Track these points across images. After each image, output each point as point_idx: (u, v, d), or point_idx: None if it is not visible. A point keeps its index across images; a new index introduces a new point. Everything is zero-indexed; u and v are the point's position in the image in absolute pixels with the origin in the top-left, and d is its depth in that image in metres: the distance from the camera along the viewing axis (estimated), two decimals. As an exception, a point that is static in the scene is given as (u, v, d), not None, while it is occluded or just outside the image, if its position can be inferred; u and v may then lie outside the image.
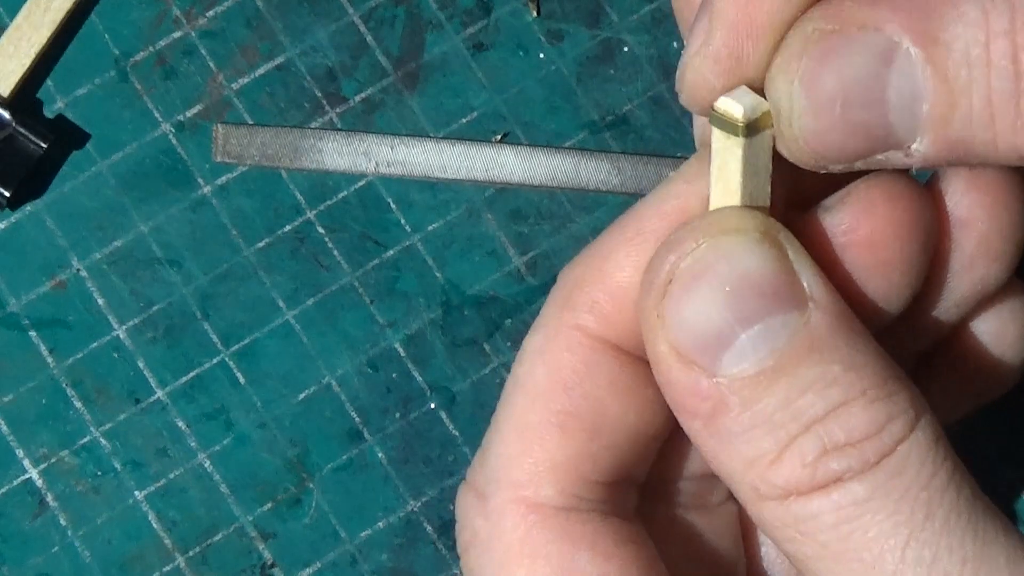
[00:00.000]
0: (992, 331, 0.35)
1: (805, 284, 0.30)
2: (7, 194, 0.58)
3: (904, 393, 0.30)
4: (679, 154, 0.59)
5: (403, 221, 0.59)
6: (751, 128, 0.30)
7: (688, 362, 0.30)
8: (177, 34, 0.60)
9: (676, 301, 0.30)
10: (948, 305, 0.33)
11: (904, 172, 0.32)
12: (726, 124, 0.30)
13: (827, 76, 0.28)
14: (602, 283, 0.32)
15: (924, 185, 0.33)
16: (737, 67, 0.29)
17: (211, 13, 0.60)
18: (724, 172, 0.30)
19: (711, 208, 0.30)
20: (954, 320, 0.34)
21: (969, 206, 0.32)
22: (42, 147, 0.58)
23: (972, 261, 0.33)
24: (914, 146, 0.28)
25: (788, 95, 0.29)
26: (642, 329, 0.31)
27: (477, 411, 0.58)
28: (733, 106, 0.30)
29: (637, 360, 0.32)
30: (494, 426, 0.33)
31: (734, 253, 0.30)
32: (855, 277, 0.31)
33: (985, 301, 0.34)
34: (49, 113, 0.59)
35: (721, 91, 0.30)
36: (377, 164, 0.59)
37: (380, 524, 0.57)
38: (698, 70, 0.30)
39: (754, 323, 0.30)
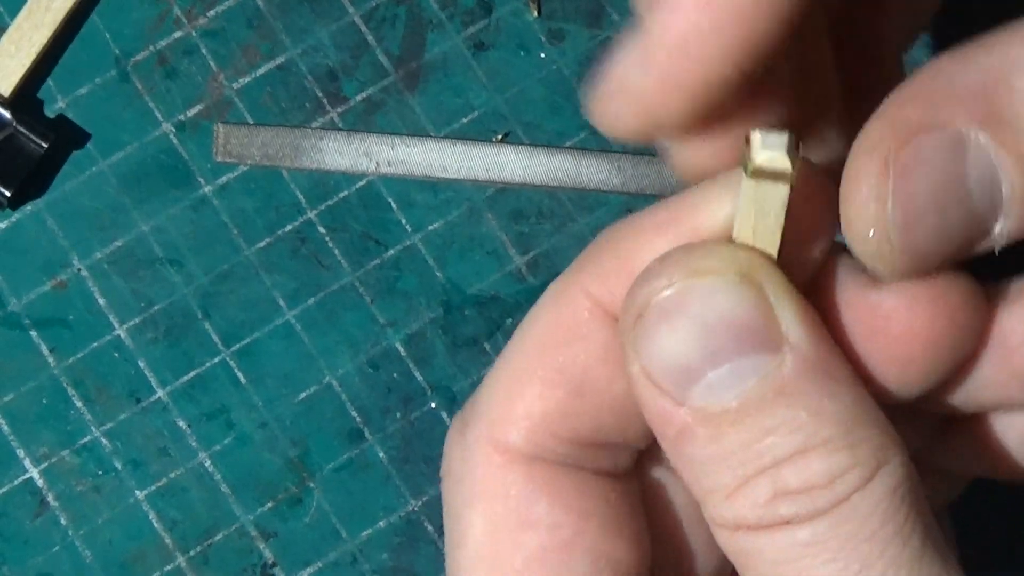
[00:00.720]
0: (1017, 430, 0.35)
1: (784, 326, 0.30)
2: (8, 194, 0.58)
3: (870, 441, 0.30)
4: (680, 154, 0.59)
5: (404, 221, 0.59)
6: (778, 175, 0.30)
7: (659, 386, 0.30)
8: (178, 34, 0.60)
9: (650, 329, 0.30)
10: (967, 403, 0.33)
11: (969, 275, 0.31)
12: (763, 172, 0.29)
13: (917, 188, 0.28)
14: (616, 257, 0.32)
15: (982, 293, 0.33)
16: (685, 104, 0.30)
17: (212, 13, 0.60)
18: (747, 210, 0.30)
19: (733, 235, 0.30)
20: (973, 410, 0.34)
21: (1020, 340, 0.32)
22: (43, 147, 0.58)
23: (1004, 385, 0.33)
24: (997, 228, 0.29)
25: (879, 216, 0.28)
26: (621, 344, 0.31)
27: (478, 411, 0.58)
28: (775, 156, 0.29)
29: None
30: (496, 364, 0.34)
31: (711, 291, 0.30)
32: (870, 356, 0.31)
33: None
34: (50, 113, 0.59)
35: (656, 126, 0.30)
36: (378, 164, 0.59)
37: (381, 523, 0.57)
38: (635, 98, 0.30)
39: (722, 363, 0.30)
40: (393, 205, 0.59)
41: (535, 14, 0.60)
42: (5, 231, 0.59)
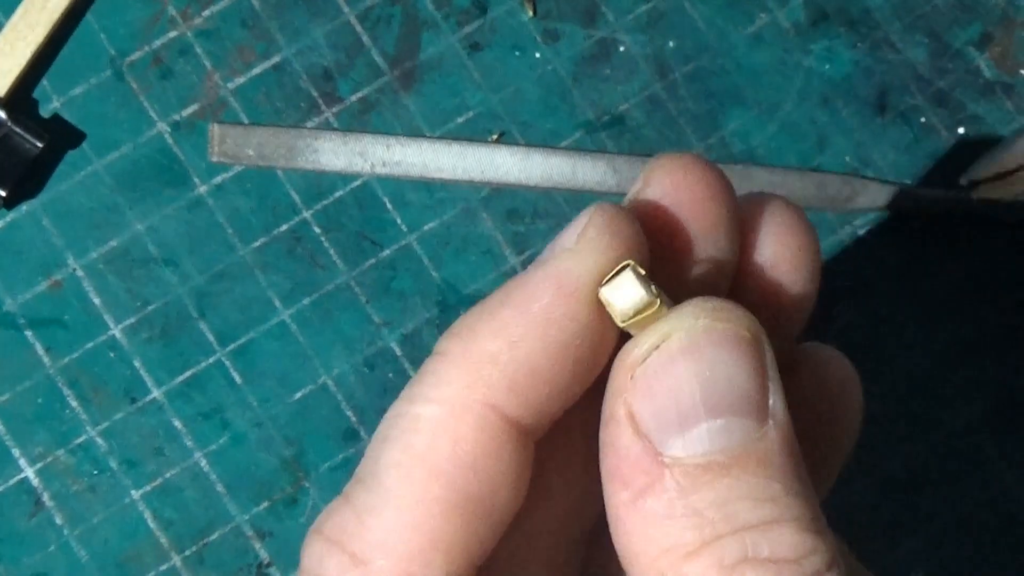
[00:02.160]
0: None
1: (771, 400, 0.30)
2: (3, 193, 0.58)
3: (829, 536, 0.30)
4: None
5: (399, 221, 0.59)
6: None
7: (641, 432, 0.30)
8: (173, 34, 0.60)
9: (655, 369, 0.30)
10: None
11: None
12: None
13: None
14: (518, 363, 0.31)
15: None
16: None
17: (207, 13, 0.60)
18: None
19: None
20: None
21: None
22: (38, 146, 0.58)
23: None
24: None
25: None
26: (609, 384, 0.31)
27: (473, 410, 0.58)
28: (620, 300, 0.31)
29: (530, 442, 0.32)
30: (375, 486, 0.31)
31: (726, 344, 0.30)
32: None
33: None
34: (45, 112, 0.59)
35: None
36: (373, 164, 0.59)
37: (376, 523, 0.57)
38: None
39: (719, 417, 0.30)
40: (388, 205, 0.59)
41: (530, 14, 0.60)
42: (0, 231, 0.58)
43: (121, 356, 0.58)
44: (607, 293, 0.31)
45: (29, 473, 0.57)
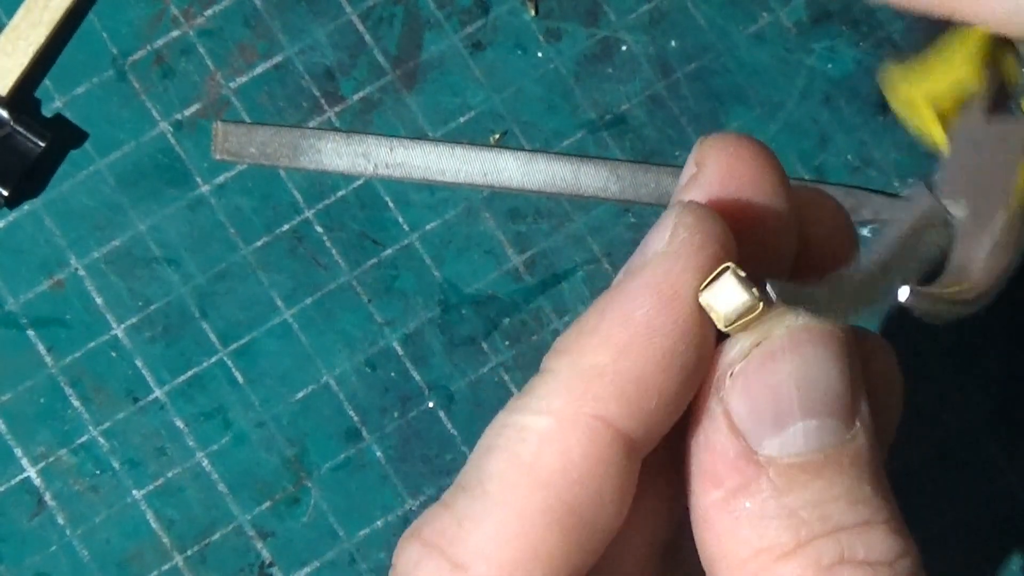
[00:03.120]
0: None
1: (860, 402, 0.31)
2: (5, 193, 0.58)
3: (911, 539, 0.31)
4: (676, 153, 0.59)
5: (401, 220, 0.59)
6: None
7: (736, 430, 0.30)
8: (175, 33, 0.60)
9: (754, 368, 0.30)
10: None
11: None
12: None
13: None
14: (626, 374, 0.31)
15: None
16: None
17: (209, 12, 0.60)
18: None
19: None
20: None
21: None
22: (40, 146, 0.58)
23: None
24: None
25: None
26: (709, 384, 0.31)
27: (475, 410, 0.58)
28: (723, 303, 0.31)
29: (638, 455, 0.32)
30: (479, 494, 0.31)
31: (824, 346, 0.30)
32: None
33: None
34: (47, 112, 0.59)
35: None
36: (376, 166, 0.59)
37: (378, 523, 0.57)
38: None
39: (814, 417, 0.30)
40: (391, 204, 0.59)
41: (532, 13, 0.60)
42: (2, 230, 0.58)
43: (123, 356, 0.58)
44: (709, 298, 0.30)
45: (31, 473, 0.57)
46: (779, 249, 0.33)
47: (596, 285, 0.59)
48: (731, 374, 0.30)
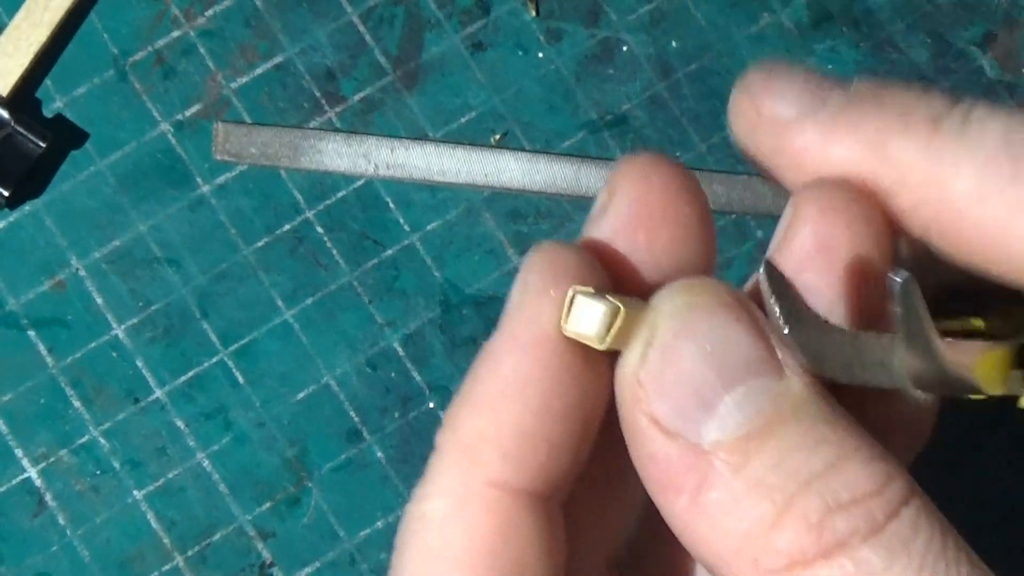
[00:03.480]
0: None
1: (779, 354, 0.29)
2: (6, 193, 0.58)
3: (894, 460, 0.29)
4: (677, 154, 0.59)
5: (402, 221, 0.59)
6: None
7: (671, 432, 0.29)
8: (176, 33, 0.60)
9: (657, 364, 0.29)
10: None
11: None
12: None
13: None
14: (505, 432, 0.30)
15: None
16: None
17: (210, 12, 0.60)
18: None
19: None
20: None
21: None
22: (41, 146, 0.58)
23: None
24: None
25: None
26: (620, 405, 0.30)
27: (476, 410, 0.58)
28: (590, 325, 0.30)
29: (552, 505, 0.31)
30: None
31: (714, 313, 0.29)
32: None
33: None
34: (48, 112, 0.59)
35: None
36: (376, 166, 0.59)
37: (379, 523, 0.57)
38: None
39: (737, 384, 0.29)
40: (391, 205, 0.59)
41: (533, 14, 0.60)
42: (3, 231, 0.58)
43: (124, 356, 0.58)
44: (573, 326, 0.29)
45: (32, 473, 0.57)
46: (694, 267, 0.32)
47: (597, 285, 0.59)
48: (639, 382, 0.29)
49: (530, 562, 0.30)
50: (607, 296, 0.29)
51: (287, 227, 0.59)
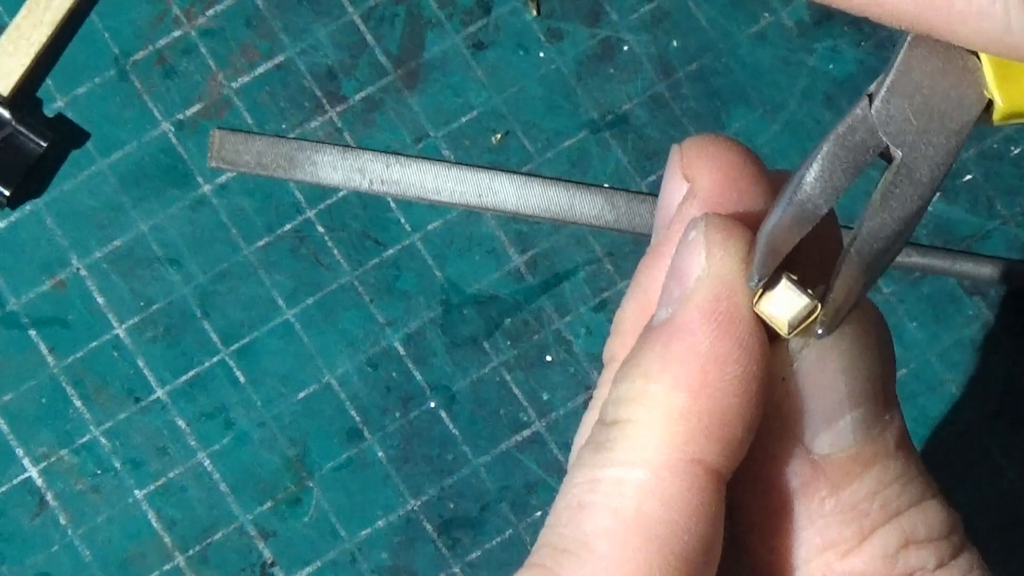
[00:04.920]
0: None
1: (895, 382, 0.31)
2: (7, 193, 0.58)
3: (955, 508, 0.31)
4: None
5: (403, 220, 0.59)
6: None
7: (791, 433, 0.30)
8: (177, 33, 0.60)
9: (806, 367, 0.30)
10: None
11: None
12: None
13: None
14: (709, 410, 0.30)
15: None
16: None
17: (211, 12, 0.60)
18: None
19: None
20: None
21: None
22: (42, 146, 0.58)
23: None
24: None
25: None
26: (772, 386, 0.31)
27: (477, 410, 0.58)
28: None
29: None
30: (587, 556, 0.30)
31: (867, 330, 0.30)
32: None
33: None
34: (49, 112, 0.59)
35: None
36: (371, 181, 0.59)
37: (380, 523, 0.57)
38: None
39: (860, 406, 0.30)
40: (392, 204, 0.59)
41: (534, 13, 0.60)
42: (4, 230, 0.59)
43: (125, 356, 0.58)
44: (768, 308, 0.30)
45: (33, 473, 0.57)
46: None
47: (597, 285, 0.59)
48: (782, 379, 0.30)
49: (714, 544, 0.30)
50: (808, 290, 0.30)
51: (288, 227, 0.59)
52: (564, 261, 0.59)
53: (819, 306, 0.30)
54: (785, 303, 0.30)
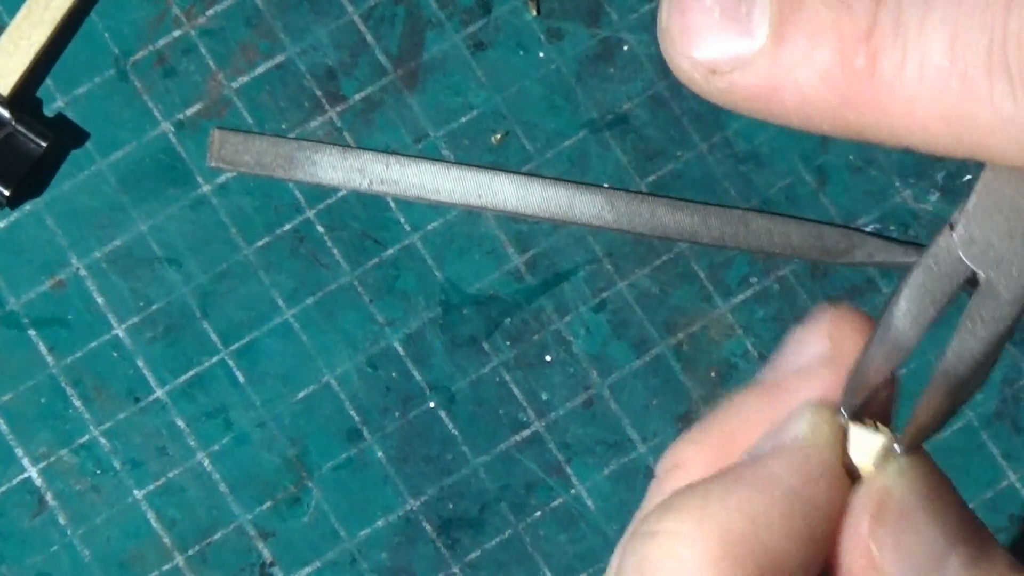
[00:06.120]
0: None
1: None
2: (7, 193, 0.58)
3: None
4: (678, 153, 0.59)
5: (402, 220, 0.59)
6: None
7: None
8: (177, 33, 0.60)
9: (896, 516, 0.30)
10: None
11: None
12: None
13: None
14: (769, 548, 0.30)
15: None
16: None
17: (211, 12, 0.60)
18: None
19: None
20: None
21: None
22: (42, 146, 0.58)
23: None
24: None
25: None
26: (845, 537, 0.30)
27: (476, 410, 0.58)
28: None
29: None
30: None
31: (935, 469, 0.32)
32: None
33: None
34: (49, 112, 0.59)
35: None
36: (371, 181, 0.59)
37: (379, 523, 0.57)
38: None
39: (958, 547, 0.30)
40: (392, 204, 0.59)
41: (534, 13, 0.60)
42: (4, 230, 0.59)
43: (124, 356, 0.58)
44: (852, 457, 0.30)
45: (32, 473, 0.57)
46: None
47: (597, 285, 0.59)
48: (871, 531, 0.30)
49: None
50: (878, 425, 0.30)
51: (288, 227, 0.59)
52: (564, 261, 0.59)
53: (895, 444, 0.30)
54: (864, 447, 0.31)
